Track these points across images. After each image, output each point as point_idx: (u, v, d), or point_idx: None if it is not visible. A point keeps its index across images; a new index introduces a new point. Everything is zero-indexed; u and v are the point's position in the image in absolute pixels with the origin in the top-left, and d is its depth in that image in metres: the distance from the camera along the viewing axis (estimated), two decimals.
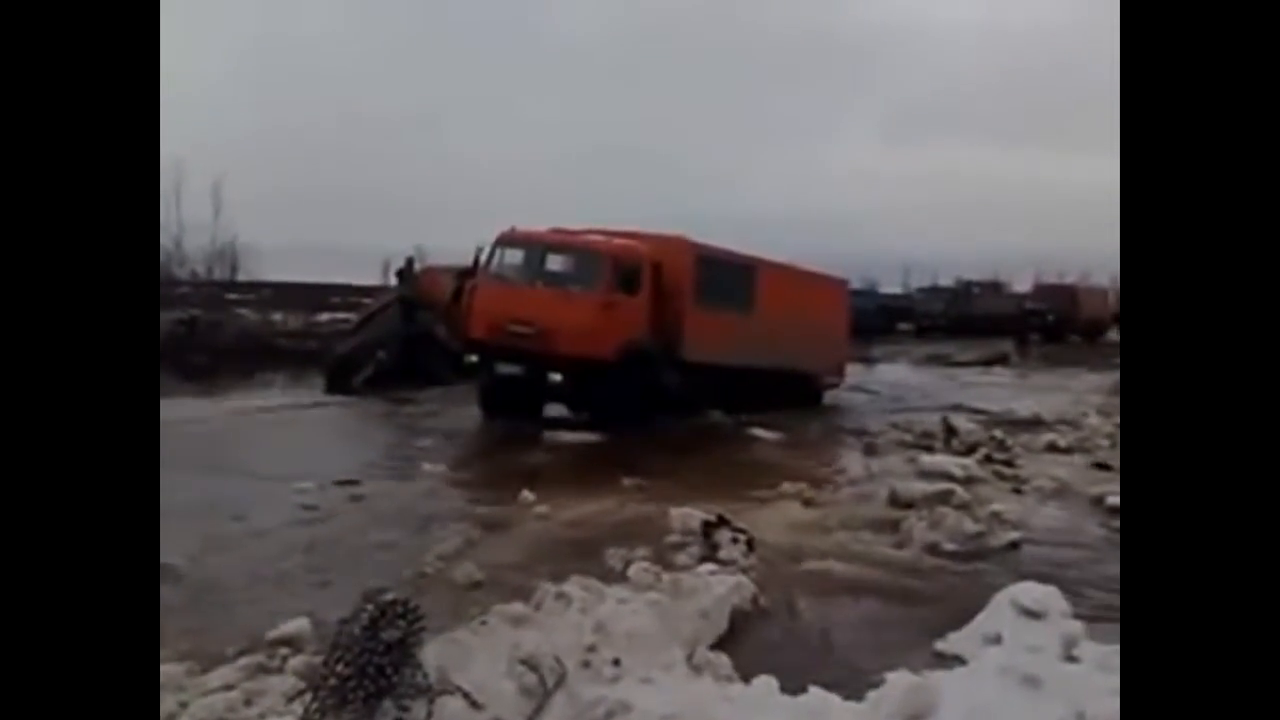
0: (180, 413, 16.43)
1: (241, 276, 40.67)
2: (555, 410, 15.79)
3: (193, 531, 8.03)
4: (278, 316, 33.31)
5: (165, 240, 34.63)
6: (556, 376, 14.64)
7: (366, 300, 25.89)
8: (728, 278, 17.43)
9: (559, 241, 15.97)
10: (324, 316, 33.05)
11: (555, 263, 15.73)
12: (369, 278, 37.37)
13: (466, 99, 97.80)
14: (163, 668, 4.80)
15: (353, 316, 25.39)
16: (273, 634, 5.49)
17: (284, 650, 5.26)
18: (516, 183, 67.52)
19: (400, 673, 4.16)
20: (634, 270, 15.52)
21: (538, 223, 16.47)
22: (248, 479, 10.80)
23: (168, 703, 4.54)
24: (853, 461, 12.57)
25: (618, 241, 15.84)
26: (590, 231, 16.22)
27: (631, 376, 14.97)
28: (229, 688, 4.71)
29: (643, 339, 15.47)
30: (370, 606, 4.24)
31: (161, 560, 7.17)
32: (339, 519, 8.90)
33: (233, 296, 36.83)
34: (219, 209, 35.72)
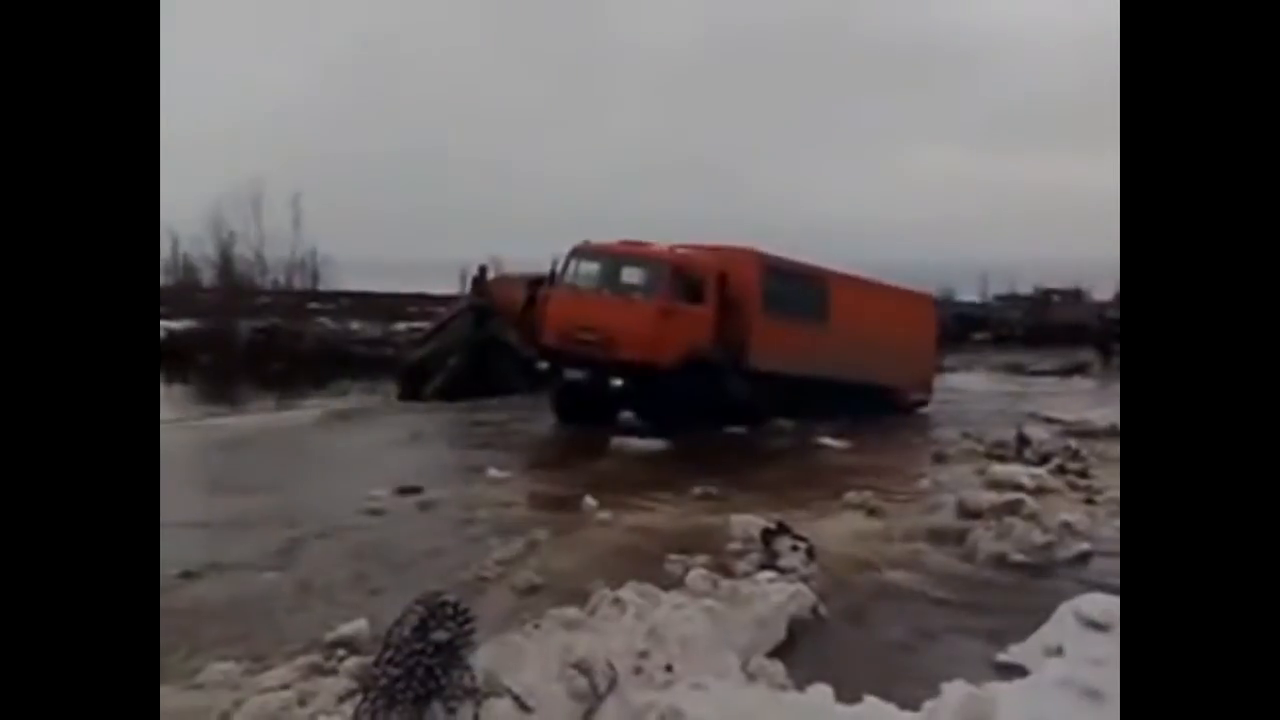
0: (255, 419, 16.87)
1: (322, 286, 41.36)
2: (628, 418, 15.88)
3: (263, 536, 8.25)
4: (355, 325, 33.89)
5: (245, 250, 35.31)
6: (618, 381, 14.77)
7: (442, 309, 26.20)
8: (798, 290, 17.42)
9: (625, 252, 16.20)
10: (400, 325, 33.53)
11: (623, 273, 16.03)
12: (446, 287, 37.78)
13: (548, 116, 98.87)
14: (219, 666, 4.92)
15: (428, 325, 25.73)
16: (331, 635, 5.56)
17: (341, 651, 5.33)
18: (599, 195, 68.30)
19: (449, 674, 4.18)
20: (696, 279, 15.70)
21: (617, 234, 16.74)
22: (317, 484, 11.03)
23: (222, 700, 4.63)
24: (921, 471, 12.37)
25: (680, 251, 16.06)
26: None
27: (693, 383, 15.05)
28: (285, 687, 4.78)
29: (706, 347, 15.58)
30: (420, 608, 4.27)
31: (231, 562, 7.41)
32: (405, 524, 9.01)
33: (313, 306, 37.51)
34: (298, 220, 36.37)
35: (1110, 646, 5.13)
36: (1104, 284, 47.88)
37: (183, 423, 15.46)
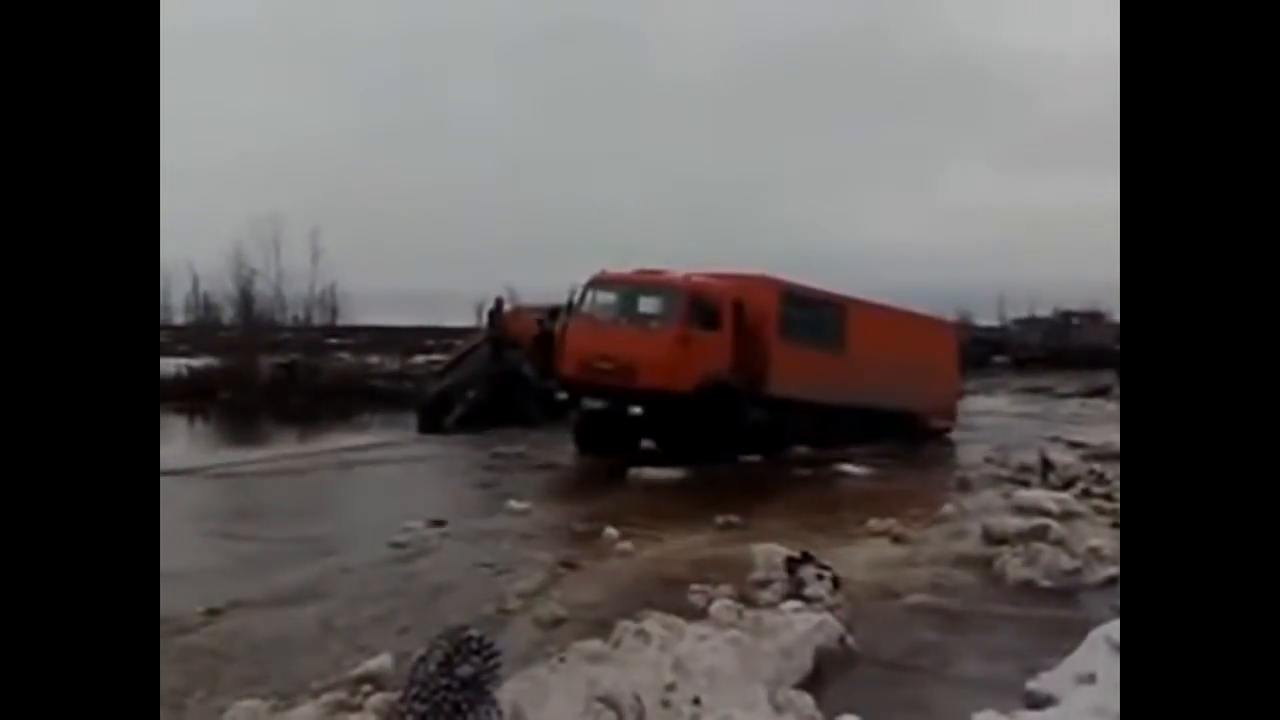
0: (278, 454, 16.91)
1: (341, 321, 41.64)
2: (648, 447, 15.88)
3: (287, 569, 8.26)
4: (374, 359, 34.02)
5: (265, 287, 35.58)
6: (637, 409, 14.79)
7: (459, 342, 26.30)
8: (816, 316, 17.45)
9: (641, 281, 16.25)
10: (419, 359, 33.64)
11: (640, 302, 16.07)
12: (464, 320, 37.93)
13: (574, 144, 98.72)
14: (245, 704, 4.89)
15: (446, 358, 25.80)
16: (355, 671, 5.54)
17: (366, 687, 5.29)
18: (625, 223, 68.28)
19: (475, 709, 4.14)
20: (712, 306, 15.73)
21: (637, 262, 16.82)
22: (341, 518, 11.07)
23: None
24: (945, 497, 12.27)
25: (695, 279, 16.09)
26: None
27: (712, 411, 15.03)
28: None
29: (724, 374, 15.56)
30: (445, 643, 4.23)
31: (255, 595, 7.42)
32: (427, 557, 9.00)
33: (332, 341, 37.70)
34: (317, 256, 36.67)
35: None
36: None
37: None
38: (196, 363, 29.36)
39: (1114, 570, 8.26)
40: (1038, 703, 5.23)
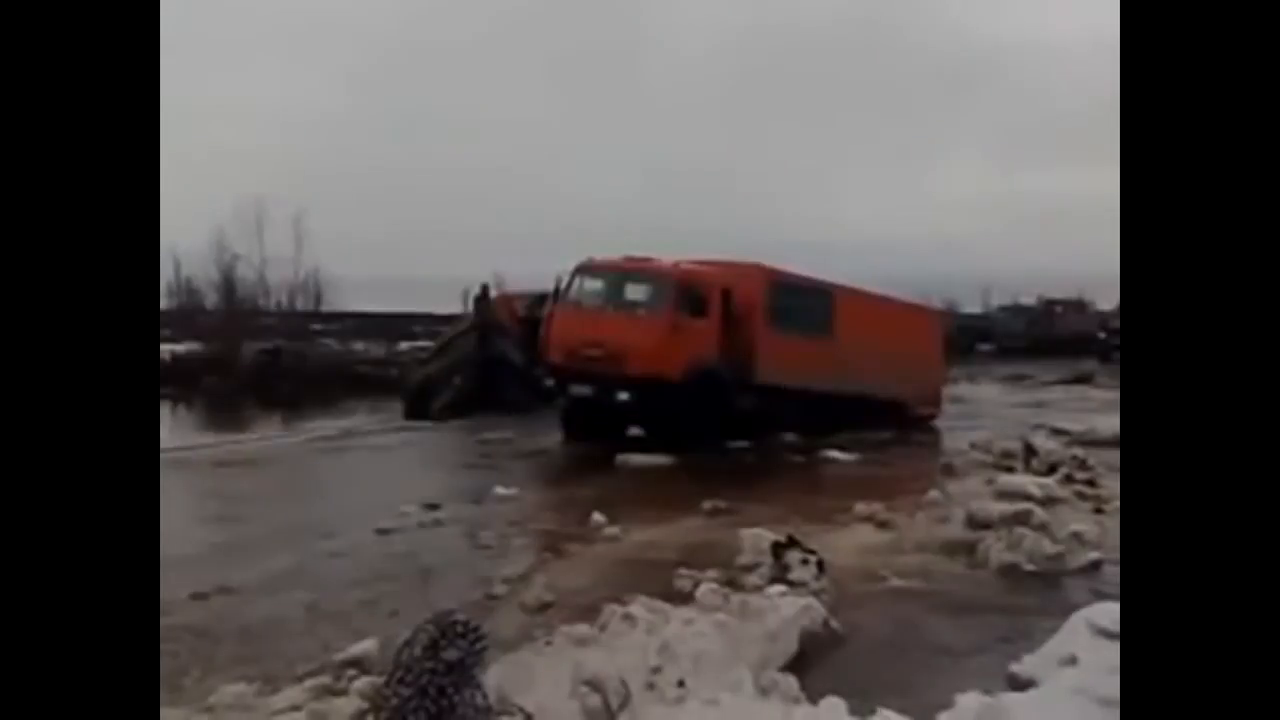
0: (262, 440, 16.89)
1: (325, 307, 41.37)
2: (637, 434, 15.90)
3: (276, 553, 8.27)
4: (360, 346, 33.86)
5: (248, 272, 35.34)
6: (625, 396, 14.77)
7: (446, 329, 26.17)
8: (804, 304, 17.45)
9: (629, 268, 16.23)
10: (405, 345, 33.48)
11: (627, 289, 16.05)
12: (450, 307, 37.72)
13: (563, 130, 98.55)
14: (231, 688, 4.91)
15: (432, 344, 25.69)
16: (341, 656, 5.55)
17: (351, 671, 5.31)
18: (617, 210, 68.35)
19: (461, 693, 4.15)
20: (700, 294, 15.72)
21: (627, 252, 16.72)
22: (328, 504, 11.06)
23: None
24: (929, 483, 12.32)
25: (683, 266, 16.07)
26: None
27: (700, 397, 15.03)
28: (296, 708, 4.77)
29: (711, 361, 15.57)
30: (430, 627, 4.24)
31: (241, 580, 7.43)
32: (414, 542, 9.00)
33: (317, 327, 37.49)
34: (300, 241, 36.41)
35: None
36: (1107, 294, 47.80)
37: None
38: (179, 348, 29.14)
39: (1095, 554, 8.35)
40: (1020, 684, 5.28)
